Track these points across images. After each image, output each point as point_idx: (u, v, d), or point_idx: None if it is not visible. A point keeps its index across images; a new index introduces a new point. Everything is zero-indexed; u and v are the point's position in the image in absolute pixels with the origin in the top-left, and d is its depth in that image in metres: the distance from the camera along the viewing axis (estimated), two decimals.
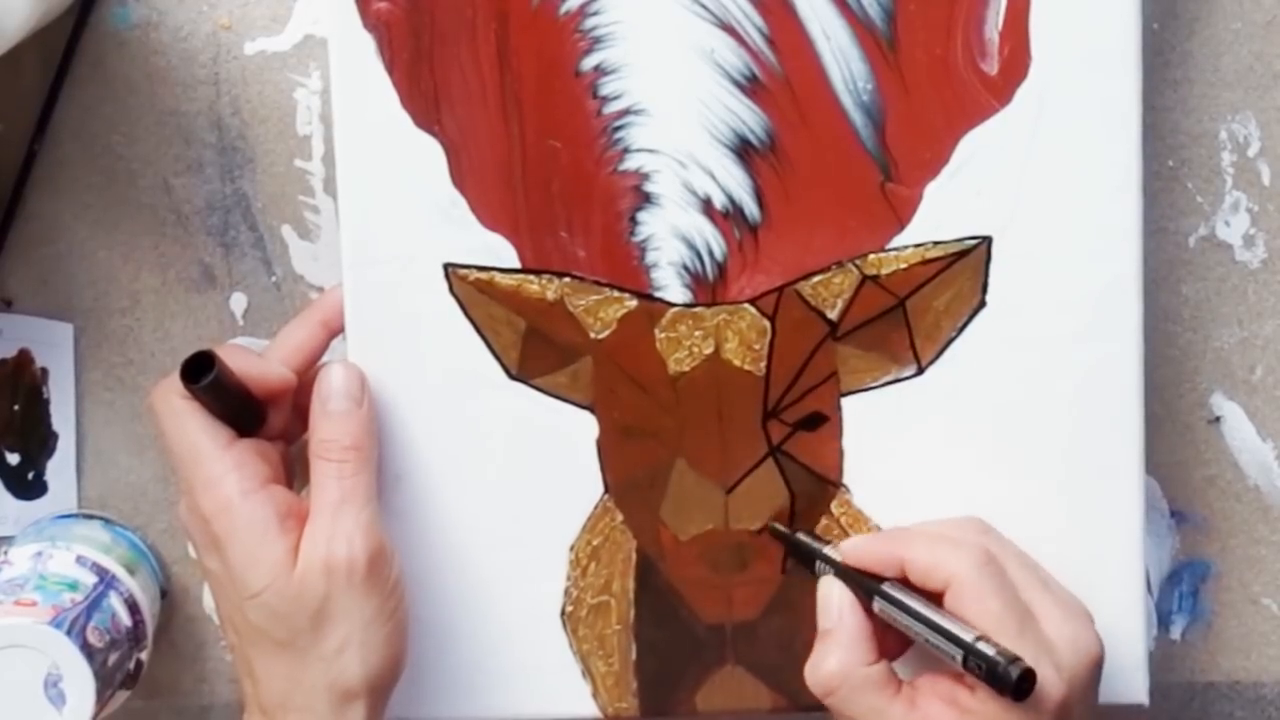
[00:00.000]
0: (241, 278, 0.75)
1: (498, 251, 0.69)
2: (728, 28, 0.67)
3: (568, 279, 0.69)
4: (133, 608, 0.73)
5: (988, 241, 0.68)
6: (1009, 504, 0.69)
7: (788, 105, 0.68)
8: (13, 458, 0.77)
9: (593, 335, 0.69)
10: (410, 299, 0.69)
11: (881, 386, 0.69)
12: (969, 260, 0.68)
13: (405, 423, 0.69)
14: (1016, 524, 0.69)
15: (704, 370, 0.69)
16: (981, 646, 0.62)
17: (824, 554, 0.68)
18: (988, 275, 0.68)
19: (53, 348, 0.76)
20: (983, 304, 0.69)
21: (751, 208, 0.68)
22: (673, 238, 0.69)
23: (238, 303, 0.75)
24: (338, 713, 0.65)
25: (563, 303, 0.69)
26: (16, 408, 0.76)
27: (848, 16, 0.67)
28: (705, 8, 0.67)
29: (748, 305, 0.69)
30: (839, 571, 0.67)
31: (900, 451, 0.69)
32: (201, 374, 0.65)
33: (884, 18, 0.67)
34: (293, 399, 0.69)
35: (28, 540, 0.75)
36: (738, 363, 0.69)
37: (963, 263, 0.68)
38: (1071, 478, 0.69)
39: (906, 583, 0.65)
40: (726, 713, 0.71)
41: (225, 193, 0.75)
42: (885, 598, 0.65)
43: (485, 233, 0.69)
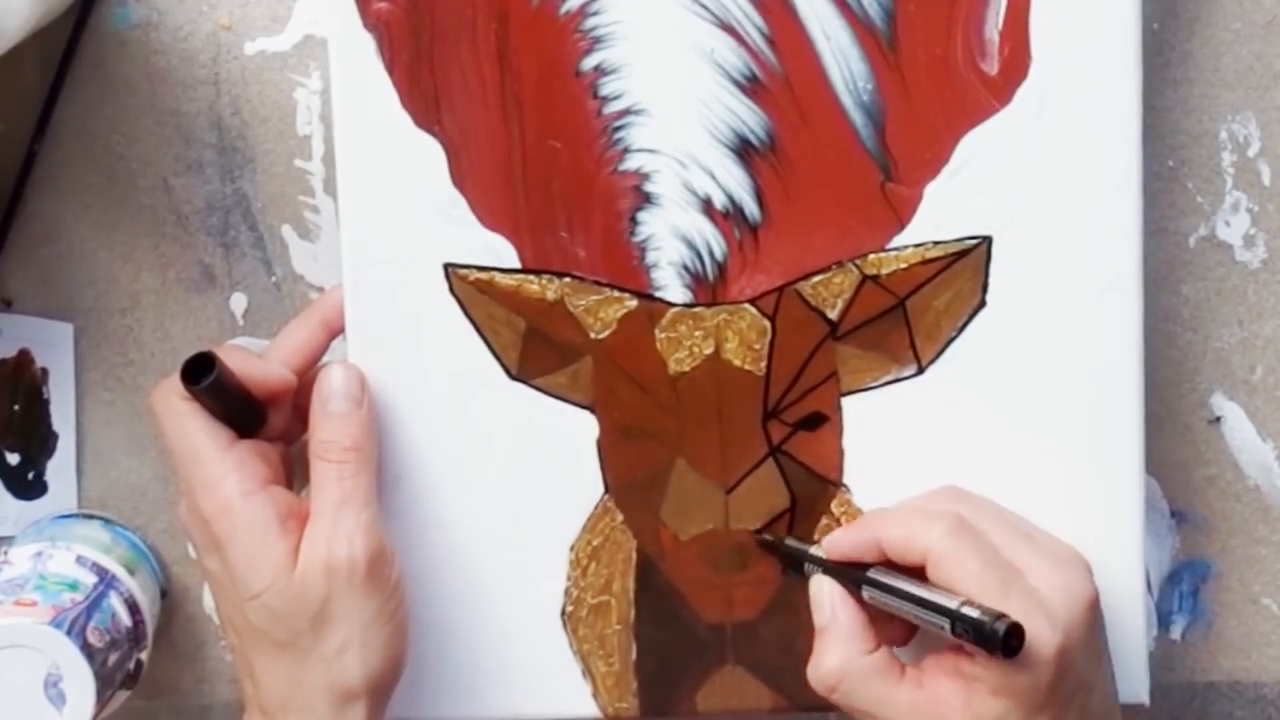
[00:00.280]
0: (241, 278, 0.75)
1: (498, 251, 0.69)
2: (728, 28, 0.67)
3: (568, 279, 0.69)
4: (133, 608, 0.73)
5: (988, 241, 0.68)
6: (1008, 503, 0.69)
7: (788, 105, 0.68)
8: (13, 458, 0.77)
9: (593, 335, 0.69)
10: (410, 299, 0.69)
11: (882, 386, 0.69)
12: (969, 260, 0.68)
13: (405, 423, 0.69)
14: None
15: (704, 370, 0.69)
16: (965, 610, 0.61)
17: (810, 554, 0.68)
18: (988, 275, 0.68)
19: (53, 348, 0.76)
20: (983, 304, 0.69)
21: (752, 208, 0.68)
22: (673, 238, 0.69)
23: (238, 303, 0.75)
24: (338, 713, 0.65)
25: (563, 303, 0.69)
26: (16, 408, 0.76)
27: (848, 16, 0.67)
28: (705, 8, 0.67)
29: (748, 305, 0.69)
30: (826, 568, 0.67)
31: (900, 451, 0.69)
32: (202, 375, 0.65)
33: (884, 18, 0.67)
34: (293, 399, 0.69)
35: (28, 540, 0.75)
36: (738, 363, 0.69)
37: (963, 263, 0.68)
38: (1071, 478, 0.69)
39: (891, 564, 0.65)
40: (726, 713, 0.71)
41: (225, 193, 0.75)
42: (870, 584, 0.65)
43: (485, 233, 0.69)
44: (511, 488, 0.70)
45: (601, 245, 0.69)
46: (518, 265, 0.69)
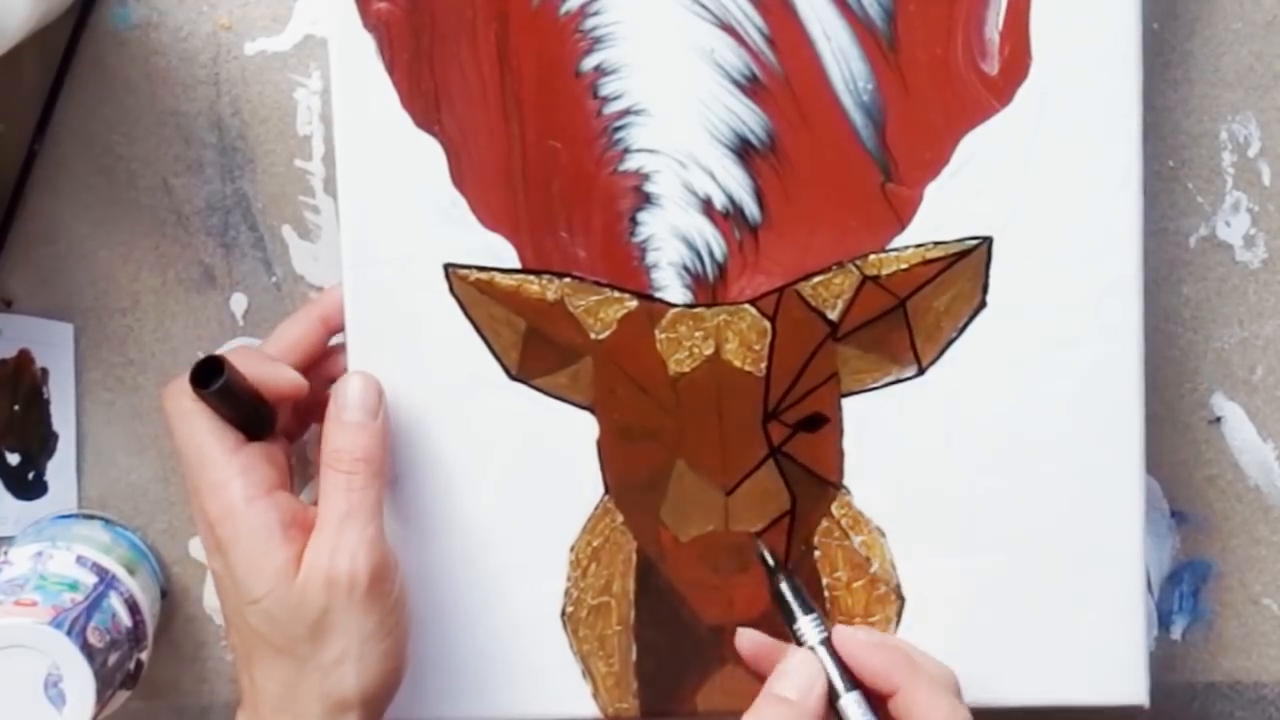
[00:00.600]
0: (241, 278, 0.75)
1: (498, 252, 0.69)
2: (728, 28, 0.67)
3: (568, 279, 0.69)
4: (133, 608, 0.73)
5: (988, 242, 0.68)
6: (1009, 504, 0.69)
7: (788, 105, 0.68)
8: (13, 458, 0.77)
9: (593, 336, 0.69)
10: (410, 299, 0.69)
11: (882, 387, 0.69)
12: (969, 260, 0.68)
13: (405, 423, 0.69)
14: (1016, 524, 0.69)
15: (704, 371, 0.69)
16: None
17: (809, 622, 0.66)
18: (988, 275, 0.68)
19: (53, 348, 0.76)
20: (983, 304, 0.69)
21: (752, 208, 0.68)
22: (673, 238, 0.69)
23: (238, 303, 0.75)
24: None
25: (563, 303, 0.69)
26: (16, 408, 0.76)
27: (848, 16, 0.67)
28: (705, 8, 0.67)
29: (748, 306, 0.69)
30: (820, 640, 0.66)
31: (900, 452, 0.69)
32: (211, 379, 0.65)
33: (884, 18, 0.67)
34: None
35: (28, 540, 0.75)
36: (738, 363, 0.69)
37: (963, 263, 0.68)
38: (1071, 478, 0.69)
39: (877, 697, 0.65)
40: (726, 713, 0.71)
41: (225, 193, 0.75)
42: (853, 710, 0.64)
43: (485, 233, 0.69)
44: (511, 488, 0.70)
45: (601, 245, 0.69)
46: (518, 265, 0.69)
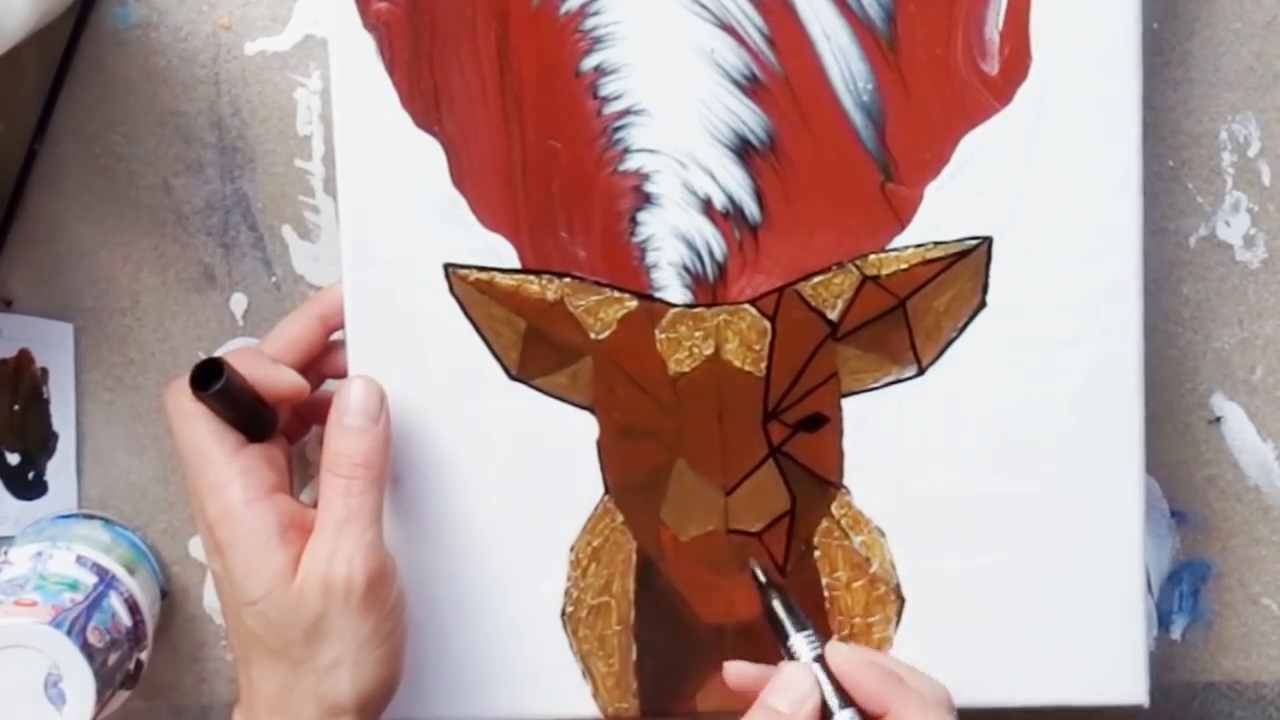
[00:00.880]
0: (241, 278, 0.75)
1: (498, 251, 0.69)
2: (728, 28, 0.67)
3: (568, 279, 0.69)
4: (133, 608, 0.73)
5: (988, 242, 0.68)
6: (1009, 504, 0.69)
7: (788, 105, 0.68)
8: (13, 458, 0.77)
9: (593, 336, 0.69)
10: (410, 299, 0.69)
11: (882, 387, 0.69)
12: (969, 260, 0.68)
13: (405, 423, 0.69)
14: (1016, 524, 0.69)
15: (704, 371, 0.69)
16: None
17: (798, 639, 0.66)
18: (988, 275, 0.68)
19: (53, 348, 0.76)
20: (983, 304, 0.69)
21: (751, 208, 0.68)
22: (673, 238, 0.69)
23: (238, 303, 0.75)
24: None
25: (563, 303, 0.69)
26: (16, 408, 0.76)
27: (848, 16, 0.67)
28: (705, 8, 0.67)
29: (748, 306, 0.69)
30: (814, 657, 0.66)
31: (900, 452, 0.69)
32: (210, 381, 0.65)
33: (884, 18, 0.67)
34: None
35: (28, 540, 0.75)
36: (738, 363, 0.69)
37: (963, 263, 0.68)
38: (1071, 478, 0.69)
39: (868, 715, 0.65)
40: (726, 713, 0.71)
41: (225, 193, 0.75)
42: None
43: (485, 233, 0.69)
44: (511, 488, 0.70)
45: (601, 245, 0.69)
46: (518, 265, 0.69)
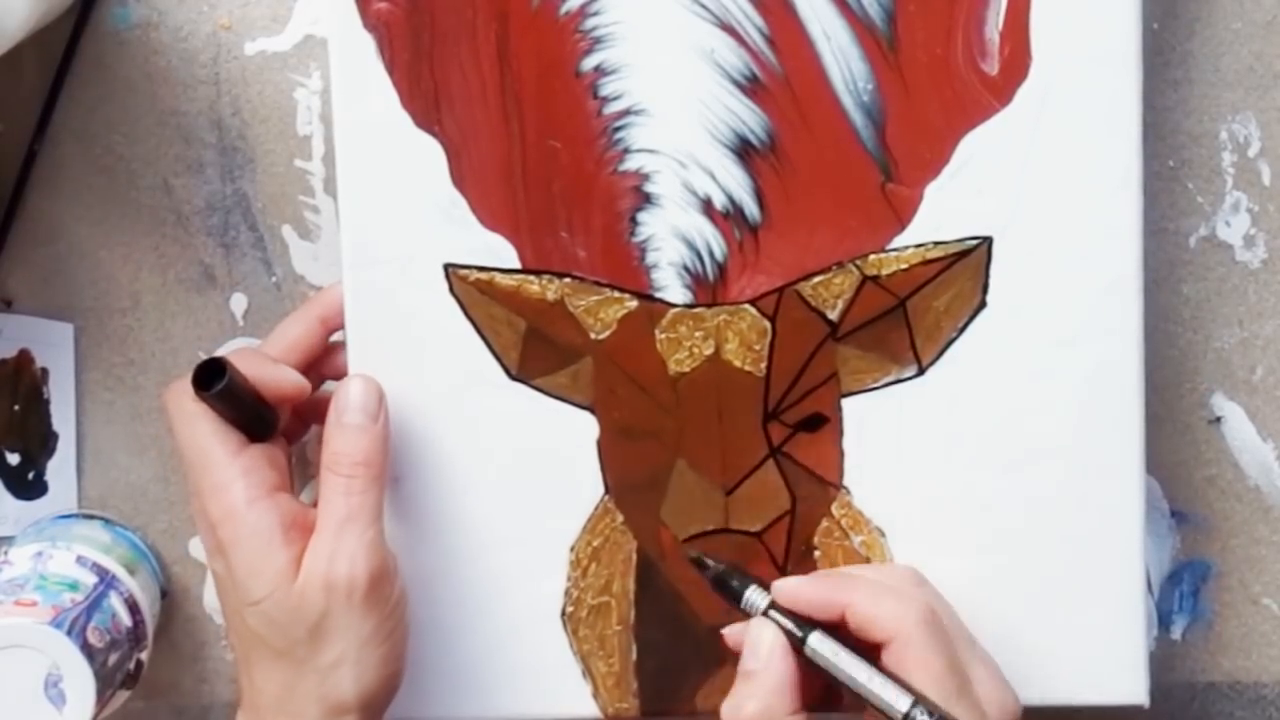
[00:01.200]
0: (241, 278, 0.75)
1: (498, 252, 0.69)
2: (728, 28, 0.67)
3: (568, 279, 0.69)
4: (133, 608, 0.73)
5: (988, 242, 0.68)
6: (1009, 504, 0.69)
7: (788, 105, 0.68)
8: (13, 458, 0.77)
9: (593, 336, 0.69)
10: (410, 299, 0.69)
11: (882, 387, 0.69)
12: (969, 260, 0.68)
13: (405, 423, 0.69)
14: (1016, 524, 0.69)
15: (704, 371, 0.69)
16: (918, 715, 0.61)
17: (755, 594, 0.66)
18: (988, 275, 0.68)
19: (53, 348, 0.76)
20: (983, 304, 0.69)
21: (752, 208, 0.68)
22: (673, 238, 0.69)
23: (238, 303, 0.75)
24: None
25: (563, 303, 0.69)
26: (16, 408, 0.76)
27: (848, 16, 0.67)
28: (705, 8, 0.67)
29: (748, 306, 0.69)
30: (770, 608, 0.65)
31: (900, 452, 0.69)
32: (213, 381, 0.65)
33: (884, 18, 0.67)
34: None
35: (28, 540, 0.75)
36: (738, 364, 0.69)
37: (963, 263, 0.68)
38: (1071, 478, 0.69)
39: (840, 627, 0.64)
40: None
41: (225, 193, 0.75)
42: (821, 646, 0.64)
43: (485, 233, 0.69)
44: (511, 488, 0.70)
45: (601, 245, 0.69)
46: (518, 265, 0.69)
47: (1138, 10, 0.67)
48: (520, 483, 0.70)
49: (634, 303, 0.69)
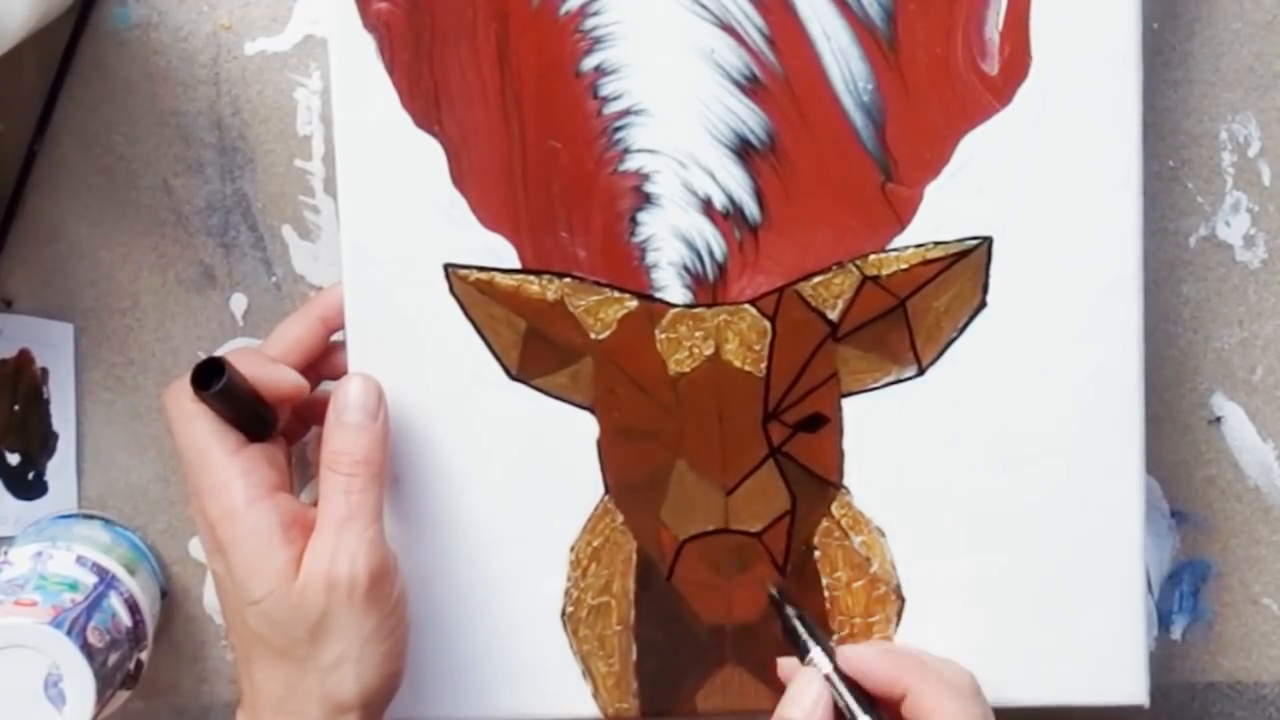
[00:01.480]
0: (241, 278, 0.75)
1: (498, 252, 0.69)
2: (728, 28, 0.67)
3: (568, 279, 0.69)
4: (133, 608, 0.73)
5: (988, 242, 0.68)
6: (1009, 504, 0.69)
7: (788, 105, 0.68)
8: (13, 458, 0.77)
9: (593, 336, 0.69)
10: (410, 299, 0.69)
11: (882, 387, 0.69)
12: (969, 261, 0.68)
13: (405, 423, 0.69)
14: (1016, 524, 0.69)
15: (704, 371, 0.69)
16: None
17: (818, 650, 0.67)
18: (988, 276, 0.68)
19: (53, 348, 0.76)
20: (983, 304, 0.69)
21: (752, 208, 0.68)
22: (673, 238, 0.69)
23: (238, 303, 0.75)
24: None
25: (563, 303, 0.69)
26: (16, 408, 0.76)
27: (848, 16, 0.67)
28: (705, 8, 0.67)
29: (748, 306, 0.69)
30: (832, 669, 0.67)
31: (901, 452, 0.69)
32: (211, 380, 0.65)
33: (884, 18, 0.67)
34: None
35: (28, 540, 0.75)
36: (738, 364, 0.69)
37: (963, 263, 0.68)
38: (1071, 478, 0.69)
39: (890, 705, 0.65)
40: (726, 713, 0.71)
41: (225, 193, 0.75)
42: None
43: (485, 233, 0.69)
44: (511, 488, 0.70)
45: (601, 245, 0.69)
46: (518, 265, 0.69)
47: (1138, 10, 0.67)
48: (520, 483, 0.70)
49: (634, 303, 0.69)
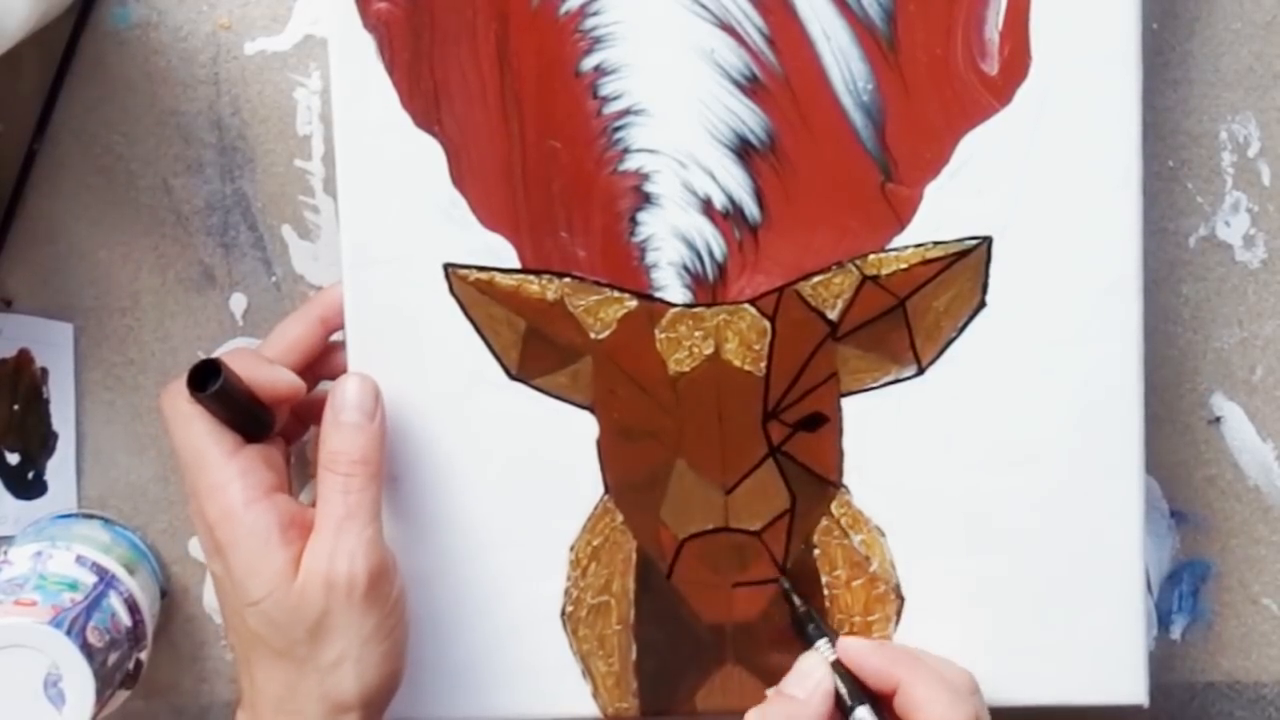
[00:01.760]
0: (241, 278, 0.75)
1: (498, 251, 0.69)
2: (728, 28, 0.67)
3: (568, 279, 0.69)
4: (133, 608, 0.73)
5: (988, 242, 0.68)
6: (1009, 504, 0.69)
7: (788, 105, 0.68)
8: (13, 458, 0.77)
9: (593, 335, 0.69)
10: (410, 299, 0.69)
11: (882, 387, 0.69)
12: (969, 260, 0.68)
13: (405, 423, 0.69)
14: (1016, 524, 0.69)
15: (704, 371, 0.69)
16: None
17: (821, 641, 0.68)
18: (988, 275, 0.68)
19: (53, 348, 0.76)
20: (983, 304, 0.69)
21: (751, 208, 0.68)
22: (673, 238, 0.69)
23: (238, 303, 0.75)
24: None
25: (563, 303, 0.69)
26: (16, 408, 0.76)
27: (848, 16, 0.67)
28: (705, 8, 0.67)
29: (748, 305, 0.69)
30: (834, 661, 0.68)
31: (900, 452, 0.69)
32: (207, 382, 0.65)
33: (884, 18, 0.67)
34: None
35: (28, 540, 0.75)
36: (738, 363, 0.69)
37: (963, 263, 0.68)
38: (1071, 478, 0.69)
39: (886, 700, 0.66)
40: (726, 713, 0.71)
41: (225, 193, 0.75)
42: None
43: (485, 233, 0.69)
44: (511, 488, 0.70)
45: (601, 245, 0.69)
46: (518, 265, 0.69)
47: (1138, 10, 0.67)
48: (520, 482, 0.70)
49: (634, 302, 0.69)
